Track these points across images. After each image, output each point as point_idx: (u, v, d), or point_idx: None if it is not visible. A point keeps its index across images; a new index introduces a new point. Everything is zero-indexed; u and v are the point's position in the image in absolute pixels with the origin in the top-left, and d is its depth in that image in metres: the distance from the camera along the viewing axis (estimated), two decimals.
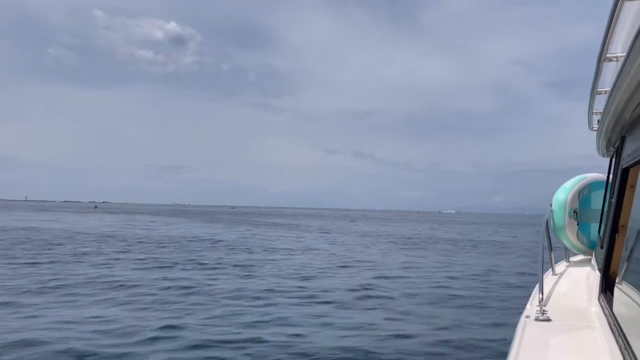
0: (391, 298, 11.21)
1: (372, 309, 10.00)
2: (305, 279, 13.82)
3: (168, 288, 11.67)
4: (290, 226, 48.95)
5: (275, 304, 10.15)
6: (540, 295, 3.03)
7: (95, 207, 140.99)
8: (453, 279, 14.65)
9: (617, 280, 2.56)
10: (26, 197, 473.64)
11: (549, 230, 4.34)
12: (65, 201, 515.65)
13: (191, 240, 26.91)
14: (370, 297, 11.19)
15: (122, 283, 12.14)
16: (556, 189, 5.27)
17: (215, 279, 13.34)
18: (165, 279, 13.08)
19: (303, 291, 11.73)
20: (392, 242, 30.47)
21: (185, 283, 12.45)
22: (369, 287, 12.52)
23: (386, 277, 14.47)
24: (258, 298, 10.73)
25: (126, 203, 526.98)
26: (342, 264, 17.46)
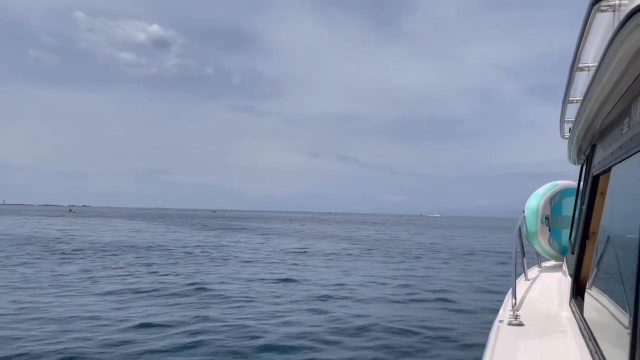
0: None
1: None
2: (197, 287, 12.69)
3: None
4: (260, 230, 48.08)
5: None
6: (513, 300, 3.11)
7: (70, 210, 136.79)
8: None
9: (587, 286, 2.56)
10: (4, 201, 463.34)
11: (521, 236, 4.44)
12: (44, 205, 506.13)
13: (125, 245, 25.55)
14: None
15: None
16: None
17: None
18: None
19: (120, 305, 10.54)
20: (356, 247, 28.91)
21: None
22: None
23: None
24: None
25: (107, 207, 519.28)
26: (270, 276, 15.57)
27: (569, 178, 5.31)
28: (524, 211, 5.29)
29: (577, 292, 3.11)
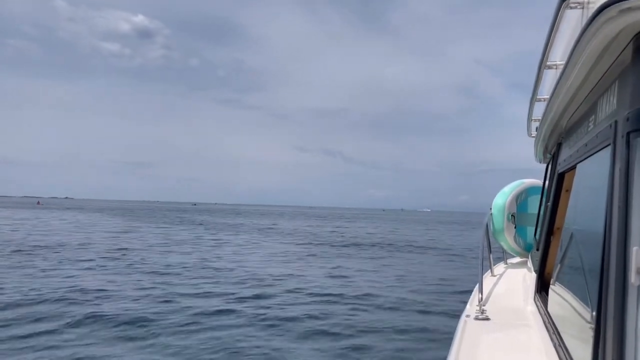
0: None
1: None
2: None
3: None
4: (228, 225, 46.18)
5: None
6: (480, 296, 3.17)
7: (38, 202, 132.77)
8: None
9: (551, 281, 2.65)
10: None
11: (488, 233, 4.53)
12: (24, 196, 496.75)
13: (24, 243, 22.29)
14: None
15: None
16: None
17: None
18: None
19: None
20: (311, 244, 27.39)
21: None
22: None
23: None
24: None
25: (90, 199, 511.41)
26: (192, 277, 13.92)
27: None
28: (490, 208, 5.38)
29: (542, 288, 3.16)
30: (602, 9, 1.26)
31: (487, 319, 2.89)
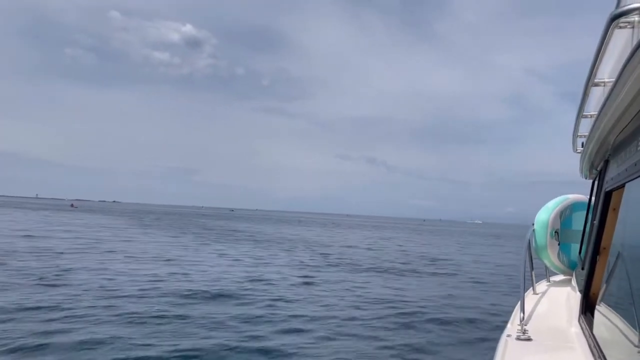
0: None
1: None
2: None
3: None
4: (250, 235, 42.42)
5: None
6: (522, 315, 3.13)
7: (72, 205, 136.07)
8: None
9: (597, 302, 2.64)
10: (37, 195, 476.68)
11: (530, 249, 4.46)
12: (76, 199, 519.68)
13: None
14: None
15: None
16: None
17: None
18: None
19: None
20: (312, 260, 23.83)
21: None
22: None
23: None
24: None
25: (137, 203, 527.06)
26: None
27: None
28: (533, 224, 5.27)
29: (587, 308, 3.12)
30: None
31: (529, 339, 2.79)
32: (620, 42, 2.07)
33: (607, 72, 2.41)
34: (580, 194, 5.30)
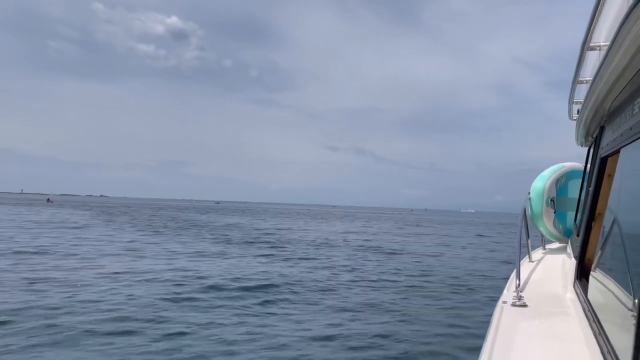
0: None
1: None
2: None
3: None
4: (207, 226, 41.00)
5: None
6: (517, 281, 3.14)
7: (48, 200, 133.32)
8: None
9: (592, 268, 2.61)
10: (22, 190, 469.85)
11: (526, 217, 4.47)
12: (62, 194, 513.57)
13: None
14: None
15: None
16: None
17: None
18: None
19: None
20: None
21: None
22: None
23: None
24: None
25: (124, 197, 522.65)
26: None
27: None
28: (529, 192, 5.27)
29: (582, 274, 3.16)
30: None
31: (524, 305, 2.83)
32: (615, 5, 2.08)
33: (603, 36, 2.41)
34: (575, 162, 5.30)
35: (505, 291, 3.17)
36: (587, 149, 4.07)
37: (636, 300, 1.46)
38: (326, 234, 34.51)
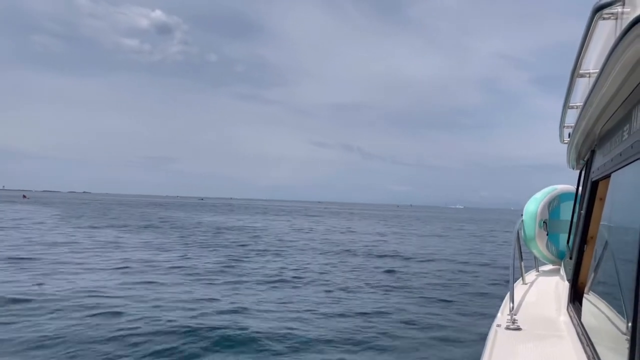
0: None
1: None
2: None
3: None
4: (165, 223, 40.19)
5: None
6: (511, 305, 3.17)
7: (24, 196, 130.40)
8: None
9: (585, 291, 2.66)
10: (3, 187, 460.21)
11: (519, 240, 4.55)
12: (44, 191, 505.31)
13: None
14: None
15: None
16: (542, 184, 5.64)
17: None
18: None
19: None
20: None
21: None
22: None
23: None
24: None
25: (107, 193, 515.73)
26: None
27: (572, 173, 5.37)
28: (522, 215, 5.35)
29: (575, 297, 3.18)
30: (634, 23, 1.36)
31: (518, 328, 2.87)
32: (604, 33, 2.14)
33: (592, 63, 2.48)
34: (568, 185, 5.42)
35: (499, 314, 3.23)
36: (578, 172, 4.14)
37: (629, 324, 1.48)
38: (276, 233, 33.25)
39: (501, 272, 16.38)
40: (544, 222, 5.24)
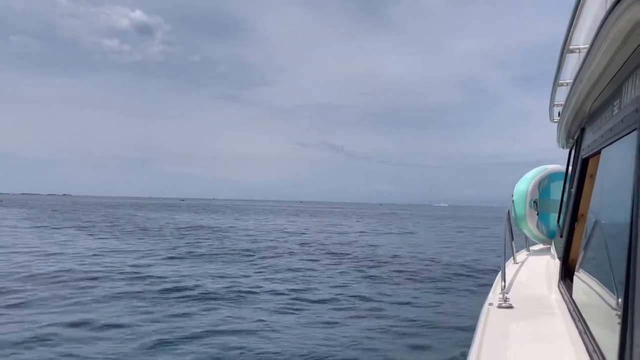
0: None
1: None
2: None
3: None
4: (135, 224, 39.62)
5: None
6: (503, 284, 3.21)
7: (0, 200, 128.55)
8: None
9: (576, 268, 2.68)
10: None
11: (510, 220, 4.55)
12: (22, 194, 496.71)
13: None
14: None
15: None
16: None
17: None
18: None
19: None
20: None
21: None
22: None
23: None
24: None
25: (87, 195, 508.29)
26: None
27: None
28: (512, 195, 5.39)
29: (566, 275, 3.23)
30: None
31: (510, 307, 2.90)
32: (594, 8, 2.13)
33: (582, 38, 2.47)
34: (558, 165, 5.43)
35: (490, 293, 3.27)
36: (568, 151, 4.16)
37: (620, 300, 1.50)
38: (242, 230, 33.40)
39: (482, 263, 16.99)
40: (534, 201, 5.28)
